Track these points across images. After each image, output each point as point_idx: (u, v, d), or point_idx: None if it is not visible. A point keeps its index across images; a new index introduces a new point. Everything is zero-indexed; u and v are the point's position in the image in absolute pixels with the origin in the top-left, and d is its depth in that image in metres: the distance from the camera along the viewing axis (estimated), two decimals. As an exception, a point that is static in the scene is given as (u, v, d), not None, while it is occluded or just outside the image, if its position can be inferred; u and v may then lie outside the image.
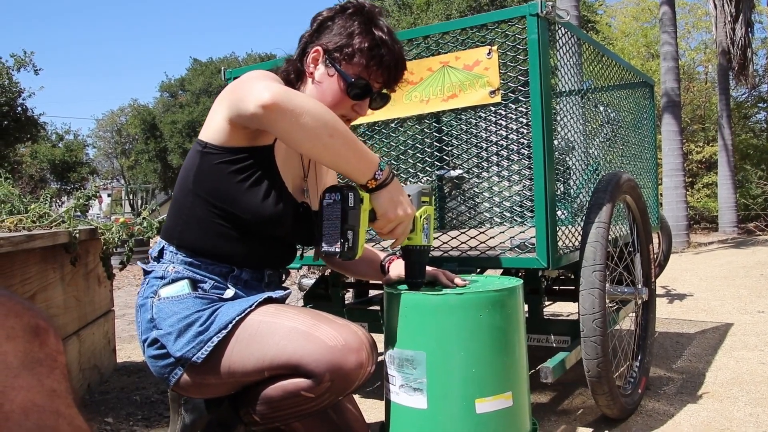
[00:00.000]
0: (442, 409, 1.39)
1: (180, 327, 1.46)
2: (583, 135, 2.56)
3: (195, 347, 1.45)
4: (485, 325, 1.40)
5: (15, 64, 16.63)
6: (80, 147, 35.31)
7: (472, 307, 1.40)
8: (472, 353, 1.39)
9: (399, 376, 1.45)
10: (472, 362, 1.39)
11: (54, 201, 21.74)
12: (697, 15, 18.10)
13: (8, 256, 2.02)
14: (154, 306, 1.51)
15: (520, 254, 2.01)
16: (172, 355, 1.47)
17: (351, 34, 1.54)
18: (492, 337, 1.41)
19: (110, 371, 3.11)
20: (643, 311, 2.57)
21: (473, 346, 1.40)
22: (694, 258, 8.31)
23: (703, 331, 3.79)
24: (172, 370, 1.50)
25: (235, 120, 1.44)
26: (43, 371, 0.80)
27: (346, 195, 1.43)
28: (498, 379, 1.42)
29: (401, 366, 1.44)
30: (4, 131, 16.77)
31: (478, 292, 1.43)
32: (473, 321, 1.40)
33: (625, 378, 2.42)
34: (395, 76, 1.60)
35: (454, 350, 1.39)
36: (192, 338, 1.45)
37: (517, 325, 1.48)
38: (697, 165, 16.22)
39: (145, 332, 1.53)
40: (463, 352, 1.39)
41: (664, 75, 10.37)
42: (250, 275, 1.59)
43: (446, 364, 1.39)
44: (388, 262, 1.77)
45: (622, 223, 2.53)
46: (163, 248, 1.59)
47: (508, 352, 1.44)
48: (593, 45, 2.50)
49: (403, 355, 1.44)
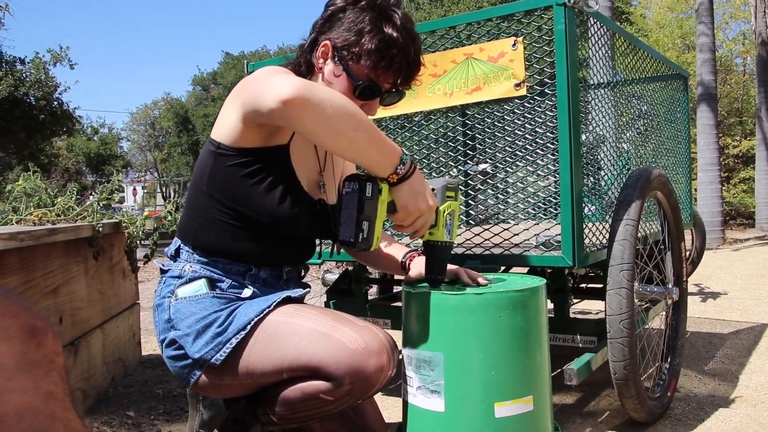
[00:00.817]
0: (460, 412, 1.35)
1: (198, 328, 1.44)
2: (614, 128, 2.49)
3: (213, 349, 1.43)
4: (506, 326, 1.36)
5: (51, 59, 16.88)
6: (115, 140, 35.95)
7: (492, 308, 1.36)
8: (492, 355, 1.35)
9: (416, 377, 1.41)
10: (491, 365, 1.35)
11: (90, 193, 22.19)
12: (735, 5, 17.65)
13: (30, 250, 2.03)
14: (171, 306, 1.49)
15: (545, 252, 1.95)
16: (190, 356, 1.45)
17: (360, 31, 1.46)
18: (513, 339, 1.37)
19: (135, 364, 3.13)
20: (674, 311, 2.49)
21: (493, 348, 1.35)
22: (729, 255, 8.11)
23: (737, 331, 3.68)
24: (191, 371, 1.48)
25: (251, 118, 1.39)
26: (40, 373, 0.78)
27: (363, 186, 1.39)
28: (518, 383, 1.37)
29: (419, 367, 1.40)
30: (41, 125, 17.05)
31: (499, 292, 1.38)
32: (493, 322, 1.35)
33: (654, 380, 2.35)
34: (407, 77, 1.53)
35: (473, 352, 1.35)
36: (210, 340, 1.43)
37: (540, 327, 1.43)
38: (733, 159, 15.86)
39: (162, 332, 1.52)
40: (483, 354, 1.35)
41: (700, 67, 10.13)
42: (268, 273, 1.56)
43: (465, 367, 1.35)
44: (409, 259, 1.72)
45: (652, 220, 2.45)
46: (179, 247, 1.57)
47: (529, 355, 1.39)
48: (625, 36, 2.43)
49: (421, 356, 1.40)
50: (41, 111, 16.82)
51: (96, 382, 2.57)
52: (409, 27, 1.51)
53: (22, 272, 2.00)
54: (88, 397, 2.47)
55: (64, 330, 2.28)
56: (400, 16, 1.49)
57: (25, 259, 2.01)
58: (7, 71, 15.98)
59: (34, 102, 16.56)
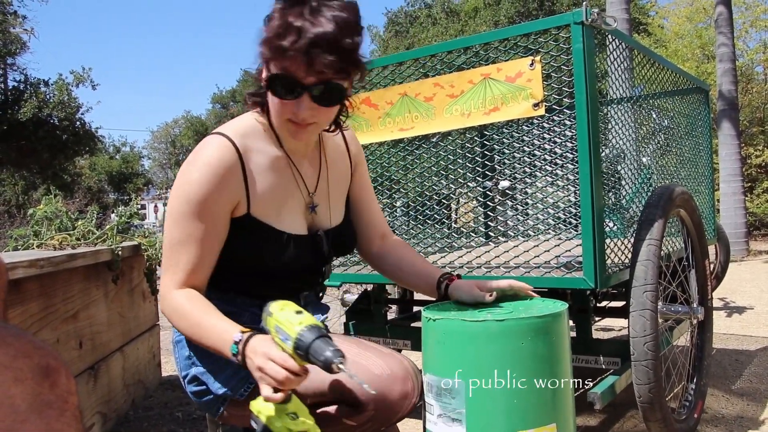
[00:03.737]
0: None
1: (220, 364, 1.43)
2: (635, 143, 2.46)
3: (237, 385, 1.41)
4: (527, 353, 1.33)
5: (74, 80, 17.16)
6: (136, 158, 36.30)
7: (514, 335, 1.33)
8: (514, 383, 1.32)
9: (437, 405, 1.38)
10: (513, 393, 1.32)
11: (111, 211, 22.40)
12: (755, 13, 17.48)
13: (50, 276, 2.04)
14: (190, 343, 1.48)
15: (567, 273, 1.92)
16: (213, 392, 1.44)
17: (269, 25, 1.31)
18: (535, 366, 1.34)
19: (155, 385, 3.13)
20: (699, 331, 2.44)
21: (515, 376, 1.32)
22: (754, 267, 7.97)
23: (765, 348, 3.60)
24: (216, 406, 1.47)
25: None
26: (53, 414, 0.77)
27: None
28: (541, 410, 1.34)
29: (439, 395, 1.38)
30: (64, 145, 17.29)
31: (520, 318, 1.35)
32: (515, 349, 1.32)
33: (679, 400, 2.30)
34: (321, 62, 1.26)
35: (495, 380, 1.32)
36: (232, 375, 1.42)
37: (562, 353, 1.40)
38: (756, 169, 15.63)
39: (184, 369, 1.50)
40: (504, 381, 1.32)
41: (721, 77, 10.03)
42: None
43: (486, 395, 1.32)
44: (448, 280, 1.59)
45: (675, 238, 2.41)
46: None
47: (552, 382, 1.36)
48: (644, 52, 2.40)
49: (441, 383, 1.37)
50: (64, 131, 17.07)
51: (116, 405, 2.57)
52: (327, 6, 1.29)
53: (42, 298, 2.00)
54: (109, 421, 2.47)
55: (84, 354, 2.29)
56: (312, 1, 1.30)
57: (45, 285, 2.02)
58: (31, 93, 16.26)
59: (58, 123, 16.81)
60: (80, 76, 17.30)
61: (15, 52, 16.44)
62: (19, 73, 16.79)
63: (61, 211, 2.91)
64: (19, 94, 16.33)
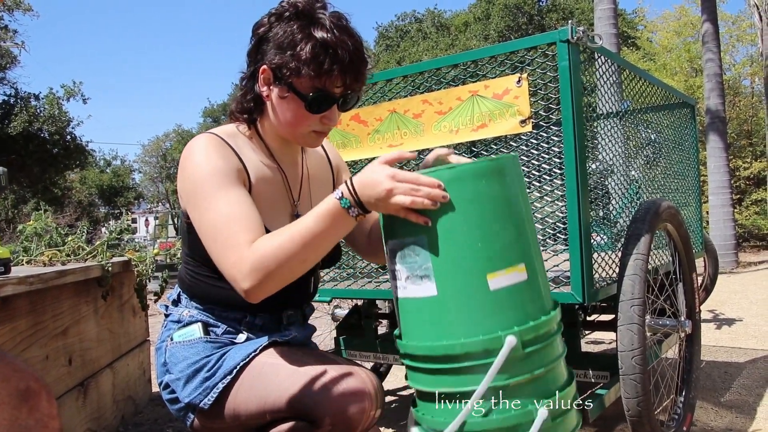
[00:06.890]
0: (454, 291, 1.25)
1: (188, 373, 1.45)
2: (623, 158, 2.48)
3: (201, 394, 1.43)
4: (485, 195, 1.26)
5: (65, 94, 17.13)
6: (127, 172, 36.22)
7: (469, 179, 1.26)
8: (475, 227, 1.25)
9: (403, 267, 1.31)
10: (476, 237, 1.25)
11: (102, 225, 22.22)
12: (742, 27, 17.69)
13: (40, 293, 2.04)
14: (167, 350, 1.51)
15: (554, 288, 1.94)
16: (181, 400, 1.46)
17: (292, 44, 1.36)
18: (494, 208, 1.27)
19: (145, 402, 3.12)
20: (688, 344, 2.45)
21: (475, 220, 1.26)
22: (743, 279, 8.01)
23: (753, 360, 3.62)
24: (185, 414, 1.49)
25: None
26: None
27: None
28: (507, 251, 1.27)
29: (403, 257, 1.31)
30: (55, 159, 17.24)
31: (473, 163, 1.31)
32: (471, 193, 1.26)
33: (669, 413, 2.31)
34: (354, 74, 1.39)
35: (455, 227, 1.26)
36: (199, 384, 1.44)
37: (520, 194, 1.32)
38: (744, 182, 15.75)
39: (159, 375, 1.54)
40: (466, 227, 1.25)
41: (708, 92, 10.14)
42: (266, 319, 1.55)
43: (450, 243, 1.26)
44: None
45: (662, 251, 2.43)
46: (180, 293, 1.58)
47: (513, 222, 1.29)
48: (631, 69, 2.43)
49: (403, 243, 1.31)
50: (55, 145, 17.02)
51: (106, 422, 2.56)
52: (341, 24, 1.39)
53: (32, 315, 2.00)
54: (98, 438, 2.45)
55: (74, 371, 2.28)
56: (328, 16, 1.39)
57: (34, 302, 2.02)
58: (21, 107, 16.22)
59: (48, 137, 16.76)
60: (71, 90, 17.29)
61: (5, 66, 16.41)
62: (9, 87, 16.75)
63: (50, 227, 2.91)
64: (9, 108, 16.28)
